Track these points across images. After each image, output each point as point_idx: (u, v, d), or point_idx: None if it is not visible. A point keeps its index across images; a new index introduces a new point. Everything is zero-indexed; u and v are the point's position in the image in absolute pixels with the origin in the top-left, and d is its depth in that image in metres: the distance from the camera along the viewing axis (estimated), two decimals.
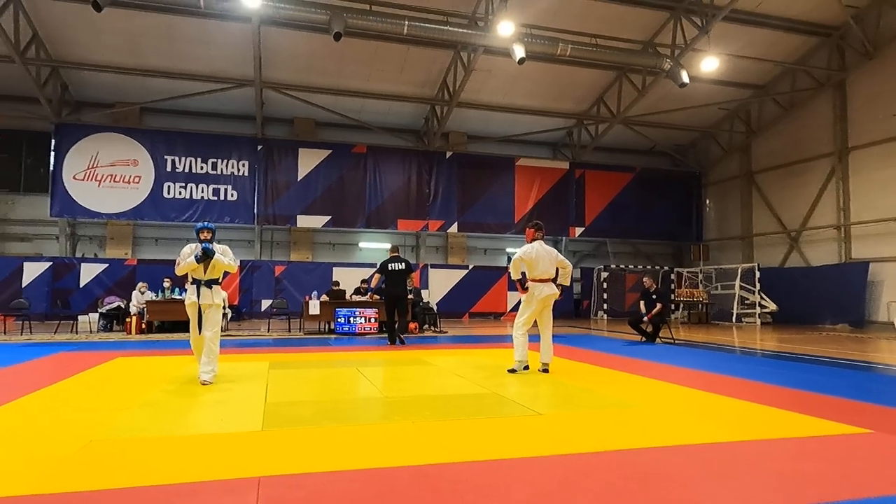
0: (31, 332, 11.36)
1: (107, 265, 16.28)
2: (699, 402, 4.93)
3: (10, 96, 15.99)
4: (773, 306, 17.71)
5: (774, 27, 15.90)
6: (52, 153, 16.33)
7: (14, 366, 6.92)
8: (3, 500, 2.58)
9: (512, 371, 6.51)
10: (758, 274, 18.03)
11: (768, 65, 17.54)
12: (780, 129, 19.31)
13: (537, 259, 6.58)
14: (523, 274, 6.63)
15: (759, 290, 17.90)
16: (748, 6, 14.80)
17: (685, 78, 15.03)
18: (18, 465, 3.07)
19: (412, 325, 12.65)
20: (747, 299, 18.28)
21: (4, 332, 11.31)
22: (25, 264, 15.73)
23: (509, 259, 20.42)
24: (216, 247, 6.03)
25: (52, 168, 16.32)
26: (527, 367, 6.56)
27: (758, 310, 17.79)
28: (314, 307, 12.36)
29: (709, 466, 3.13)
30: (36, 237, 17.17)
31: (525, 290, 6.59)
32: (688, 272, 20.91)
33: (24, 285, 15.51)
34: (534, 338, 6.70)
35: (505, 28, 13.29)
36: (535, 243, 6.71)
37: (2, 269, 15.57)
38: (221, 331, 12.19)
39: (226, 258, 6.08)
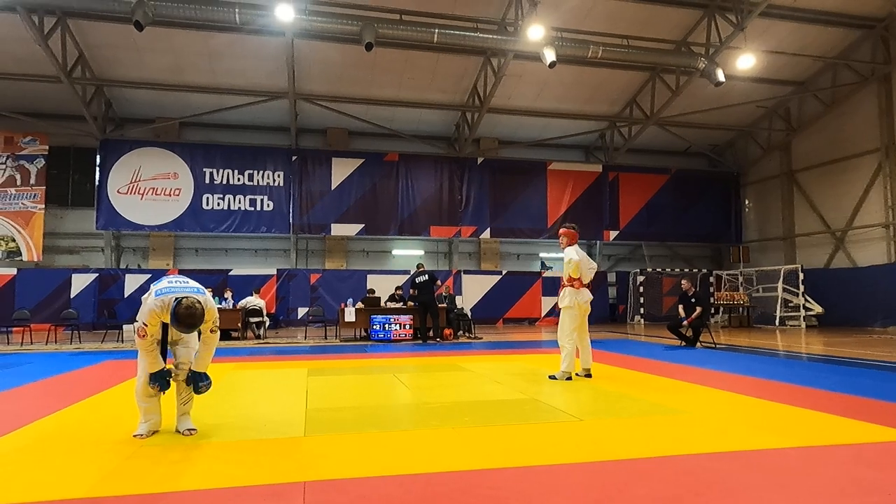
0: (79, 342, 11.77)
1: (150, 276, 16.70)
2: (746, 408, 4.79)
3: (58, 115, 16.68)
4: (818, 309, 17.10)
5: (814, 21, 15.43)
6: (98, 168, 16.97)
7: (65, 374, 7.17)
8: (66, 502, 2.67)
9: (553, 378, 6.35)
10: (801, 275, 17.45)
11: (808, 60, 17.01)
12: (822, 125, 18.70)
13: (586, 262, 6.49)
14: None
15: (803, 293, 17.32)
16: (785, 1, 14.40)
17: (721, 76, 14.70)
18: (76, 469, 3.17)
19: (447, 332, 12.68)
20: (791, 302, 17.70)
21: (55, 342, 11.74)
22: (74, 276, 16.34)
23: (543, 264, 20.41)
24: (200, 302, 3.58)
25: (97, 183, 16.96)
26: (569, 378, 6.34)
27: (802, 312, 17.21)
28: (350, 314, 12.49)
29: (762, 474, 3.03)
30: (83, 249, 17.82)
31: (584, 286, 6.40)
32: (727, 275, 20.37)
33: (72, 296, 16.09)
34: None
35: (535, 32, 13.24)
36: (576, 247, 6.61)
37: (52, 280, 16.21)
38: (259, 339, 12.53)
39: (205, 354, 3.91)
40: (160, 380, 3.73)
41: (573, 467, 3.17)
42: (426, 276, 12.22)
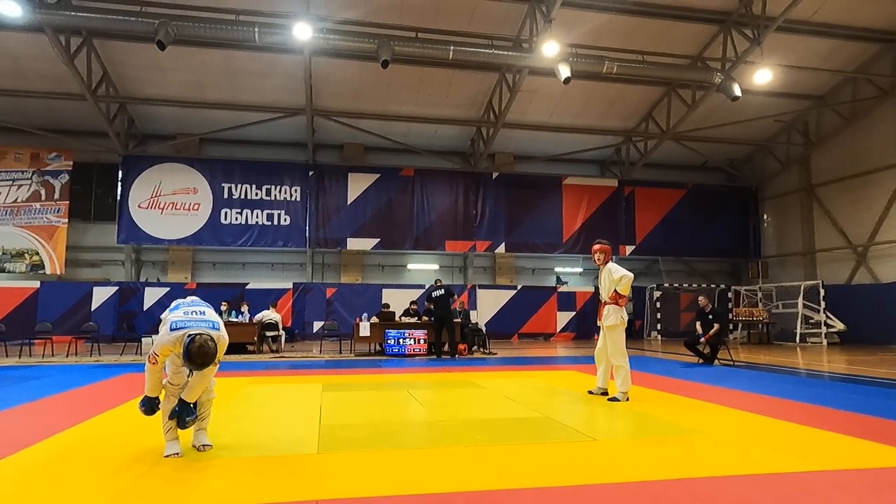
0: (99, 354, 11.93)
1: (168, 289, 16.98)
2: (765, 429, 4.70)
3: (82, 131, 17.10)
4: (840, 325, 16.77)
5: (832, 35, 15.31)
6: (120, 183, 17.32)
7: (84, 387, 7.27)
8: None
9: (615, 399, 6.05)
10: (822, 291, 17.15)
11: (826, 74, 16.87)
12: (842, 140, 18.47)
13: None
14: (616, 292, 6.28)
15: (824, 309, 17.01)
16: (803, 15, 14.32)
17: (737, 91, 14.62)
18: (88, 488, 3.21)
19: (461, 347, 12.65)
20: (812, 318, 17.38)
21: (76, 354, 11.92)
22: (95, 289, 16.62)
23: (558, 279, 20.32)
24: (213, 339, 3.59)
25: (119, 197, 17.30)
26: (627, 398, 6.09)
27: (824, 329, 16.89)
28: (365, 329, 12.52)
29: (781, 499, 2.97)
30: (104, 263, 18.13)
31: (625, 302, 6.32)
32: (746, 290, 20.10)
33: (93, 309, 16.36)
34: (579, 360, 6.53)
35: (550, 48, 13.31)
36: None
37: (74, 293, 16.50)
38: (275, 353, 12.61)
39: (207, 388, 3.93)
40: (147, 405, 3.80)
41: (587, 489, 3.14)
42: (443, 290, 12.23)
